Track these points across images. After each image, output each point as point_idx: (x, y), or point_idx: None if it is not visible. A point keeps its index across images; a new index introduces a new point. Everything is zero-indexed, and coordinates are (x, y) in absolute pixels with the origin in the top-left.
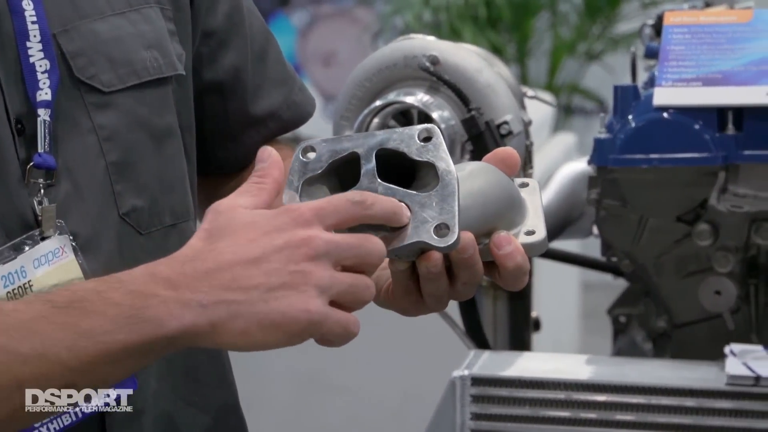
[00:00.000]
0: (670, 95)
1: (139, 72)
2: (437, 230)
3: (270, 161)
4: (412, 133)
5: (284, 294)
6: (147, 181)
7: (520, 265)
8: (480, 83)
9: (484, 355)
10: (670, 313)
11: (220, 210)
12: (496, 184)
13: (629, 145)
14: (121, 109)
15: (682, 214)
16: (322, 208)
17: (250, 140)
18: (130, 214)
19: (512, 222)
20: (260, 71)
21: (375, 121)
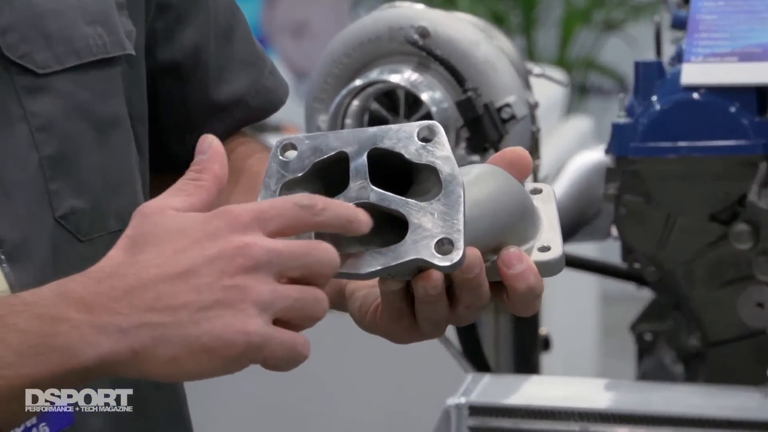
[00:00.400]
0: (701, 72)
1: (80, 51)
2: (439, 246)
3: (210, 152)
4: (411, 130)
5: (218, 314)
6: (89, 178)
7: (532, 286)
8: (477, 59)
9: (483, 379)
10: (704, 329)
11: (146, 213)
12: (507, 192)
13: (653, 132)
14: (58, 94)
15: (716, 212)
16: (264, 212)
17: (211, 131)
18: (67, 217)
19: (524, 236)
20: (225, 51)
21: (354, 104)
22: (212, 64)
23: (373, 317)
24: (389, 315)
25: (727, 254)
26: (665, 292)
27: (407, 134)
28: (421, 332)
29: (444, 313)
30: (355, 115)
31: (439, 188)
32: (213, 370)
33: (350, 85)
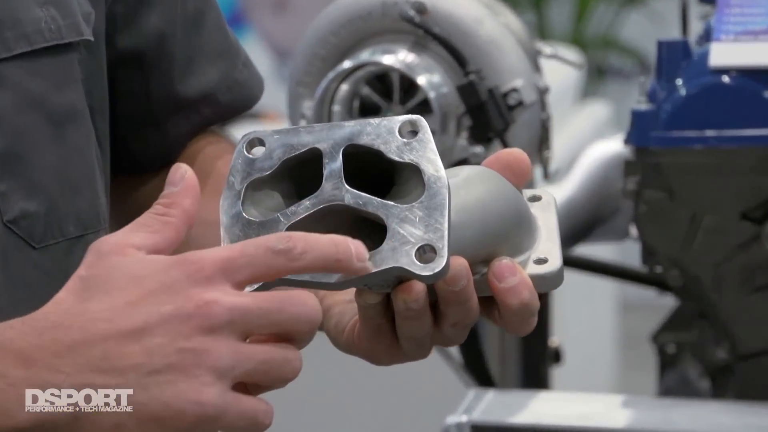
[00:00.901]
0: (732, 53)
1: (31, 36)
2: (420, 253)
3: (182, 186)
4: (392, 125)
5: (169, 379)
6: (43, 178)
7: (526, 302)
8: (481, 38)
9: (487, 395)
10: (733, 340)
11: (102, 251)
12: (500, 197)
13: (678, 120)
14: (7, 84)
15: (748, 210)
16: (231, 261)
17: (175, 129)
18: (18, 221)
19: (518, 246)
20: (193, 40)
21: (342, 88)
22: (179, 54)
23: (350, 335)
24: (367, 333)
25: (760, 257)
26: (690, 298)
27: (388, 129)
28: (403, 353)
29: (428, 331)
30: (343, 101)
31: (422, 189)
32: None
33: (338, 67)
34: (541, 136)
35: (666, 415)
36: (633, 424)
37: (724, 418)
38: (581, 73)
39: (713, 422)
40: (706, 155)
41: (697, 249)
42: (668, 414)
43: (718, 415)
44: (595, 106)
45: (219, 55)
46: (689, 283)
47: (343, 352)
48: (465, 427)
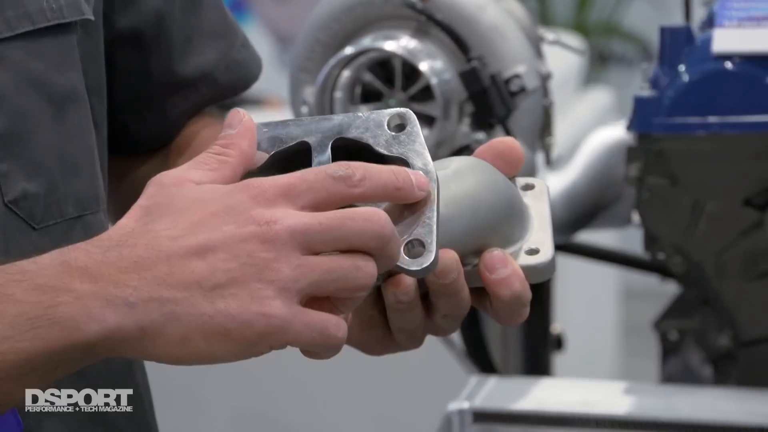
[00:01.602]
0: (735, 39)
1: (34, 16)
2: (409, 248)
3: (240, 128)
4: (380, 119)
5: (233, 292)
6: (43, 158)
7: (518, 293)
8: (483, 24)
9: (489, 382)
10: (736, 327)
11: (164, 182)
12: (491, 187)
13: (681, 106)
14: (7, 63)
15: (751, 197)
16: (293, 186)
17: (173, 109)
18: (19, 202)
19: (510, 237)
20: (192, 20)
21: (344, 75)
22: (177, 33)
23: None
24: (360, 324)
25: (763, 243)
26: (693, 285)
27: (376, 123)
28: (395, 343)
29: (419, 323)
30: (345, 88)
31: None
32: (227, 354)
33: (340, 53)
34: (543, 122)
35: (668, 402)
36: (635, 411)
37: (726, 404)
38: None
39: (715, 409)
40: (709, 141)
41: (699, 236)
42: (670, 400)
43: (720, 401)
44: (598, 93)
45: (217, 35)
46: (692, 270)
47: None
48: (467, 414)
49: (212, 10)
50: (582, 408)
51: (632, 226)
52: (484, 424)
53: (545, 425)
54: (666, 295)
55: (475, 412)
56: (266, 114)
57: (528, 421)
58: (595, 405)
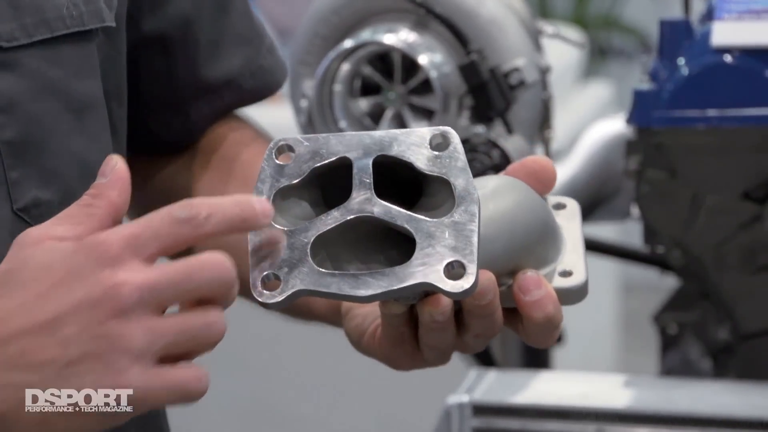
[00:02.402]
0: (734, 32)
1: (53, 23)
2: (449, 270)
3: (112, 177)
4: (423, 136)
5: (87, 368)
6: (59, 166)
7: (551, 316)
8: (482, 17)
9: (488, 375)
10: (735, 320)
11: (23, 243)
12: (528, 209)
13: (680, 99)
14: (25, 71)
15: (750, 190)
16: (137, 236)
17: (198, 113)
18: (29, 209)
19: (544, 258)
20: (219, 24)
21: (344, 68)
22: (204, 38)
23: (371, 339)
24: (389, 339)
25: (762, 237)
26: (692, 279)
27: (418, 141)
28: (424, 359)
29: (451, 342)
30: (345, 81)
31: (452, 203)
32: (90, 429)
33: (339, 46)
34: (542, 115)
35: (667, 395)
36: (634, 404)
37: (725, 398)
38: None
39: (714, 402)
40: (708, 135)
41: (698, 229)
42: (670, 394)
43: (719, 395)
44: (597, 86)
45: (244, 41)
46: (691, 263)
47: (362, 353)
48: (466, 407)
49: (240, 16)
50: (581, 401)
51: (631, 219)
52: (483, 418)
53: (544, 418)
54: (665, 288)
55: (475, 405)
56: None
57: (527, 415)
58: (594, 398)
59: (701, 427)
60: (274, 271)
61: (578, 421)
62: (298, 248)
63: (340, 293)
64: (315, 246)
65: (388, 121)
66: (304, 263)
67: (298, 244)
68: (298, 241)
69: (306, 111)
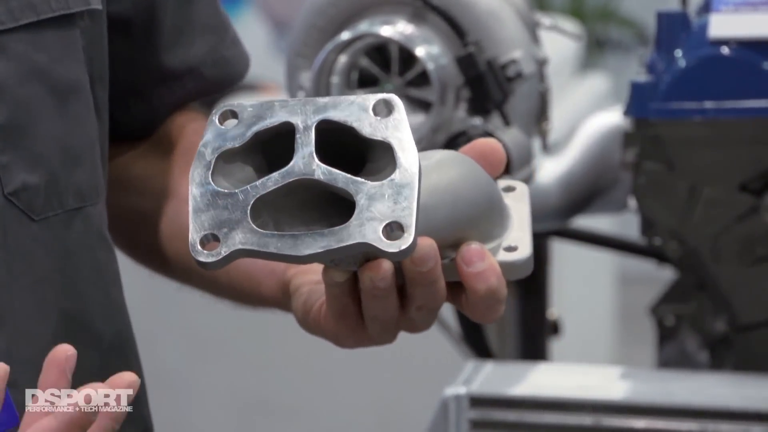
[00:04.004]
0: (731, 24)
1: (38, 6)
2: (387, 230)
3: None
4: (366, 103)
5: None
6: (44, 150)
7: (494, 289)
8: (479, 9)
9: (485, 367)
10: (732, 312)
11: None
12: (472, 182)
13: (677, 91)
14: (10, 54)
15: (747, 182)
16: None
17: (159, 101)
18: (19, 193)
19: (489, 233)
20: (184, 11)
21: (341, 60)
22: (168, 24)
23: (317, 315)
24: (333, 313)
25: (759, 229)
26: (689, 270)
27: (362, 107)
28: (368, 335)
29: (393, 313)
30: (342, 73)
31: (394, 168)
32: None
33: (336, 38)
34: (540, 107)
35: (664, 387)
36: (631, 396)
37: (722, 389)
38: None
39: (712, 394)
40: (706, 127)
41: (696, 221)
42: (667, 386)
43: (716, 386)
44: (595, 78)
45: (208, 30)
46: (688, 255)
47: (308, 332)
48: (463, 399)
49: (206, 4)
50: (578, 393)
51: (628, 211)
52: (480, 409)
53: (542, 410)
54: (662, 280)
55: (472, 397)
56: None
57: (524, 406)
58: (591, 390)
59: (698, 419)
60: (213, 232)
61: (575, 412)
62: (239, 209)
63: (279, 253)
64: (256, 209)
65: None
66: (243, 224)
67: (238, 206)
68: (239, 203)
69: None
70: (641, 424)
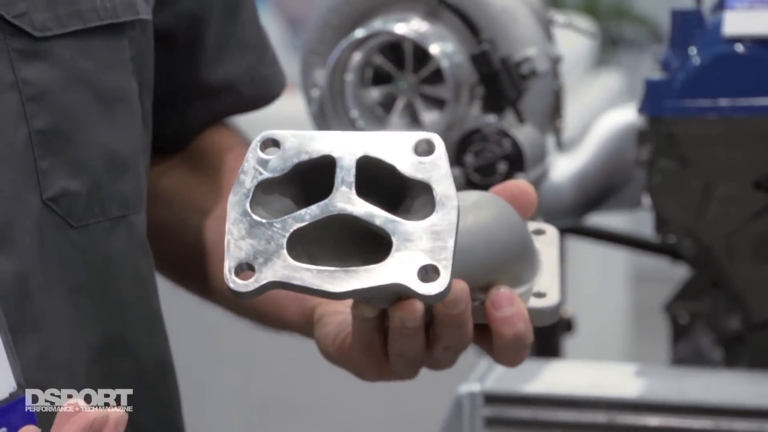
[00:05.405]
0: (746, 21)
1: (86, 14)
2: (423, 272)
3: None
4: (408, 140)
5: None
6: (88, 157)
7: (521, 334)
8: (494, 7)
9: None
10: (746, 309)
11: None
12: (506, 226)
13: (691, 89)
14: (56, 60)
15: (761, 180)
16: None
17: (195, 115)
18: (58, 199)
19: (518, 277)
20: (227, 29)
21: (355, 57)
22: (210, 40)
23: (341, 347)
24: (359, 346)
25: None
26: (703, 268)
27: (403, 144)
28: (392, 370)
29: (419, 351)
30: (356, 70)
31: (432, 208)
32: None
33: (351, 36)
34: (553, 105)
35: (678, 385)
36: (645, 394)
37: (736, 387)
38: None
39: (726, 391)
40: (720, 124)
41: (710, 218)
42: (681, 383)
43: (730, 384)
44: (609, 76)
45: (249, 48)
46: (702, 253)
47: (329, 361)
48: (478, 396)
49: (248, 23)
50: (592, 390)
51: (643, 208)
52: (494, 407)
53: (556, 407)
54: (676, 278)
55: (486, 394)
56: None
57: (538, 404)
58: (605, 387)
59: (712, 417)
60: (248, 261)
61: (589, 410)
62: (275, 240)
63: (312, 287)
64: (292, 241)
65: (400, 110)
66: (279, 255)
67: (275, 237)
68: (276, 233)
69: (317, 100)
70: (655, 421)
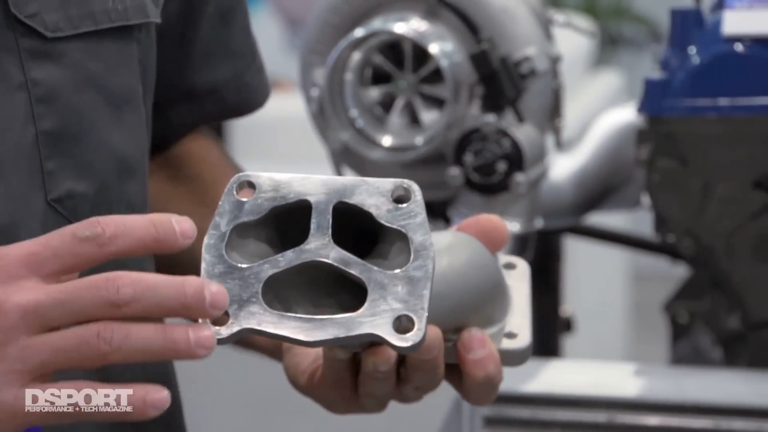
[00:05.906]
0: (745, 21)
1: (97, 16)
2: (398, 323)
3: None
4: (385, 187)
5: None
6: (96, 159)
7: (491, 376)
8: (493, 6)
9: None
10: (746, 309)
11: None
12: (480, 269)
13: (691, 88)
14: (66, 62)
15: (761, 179)
16: (36, 254)
17: (177, 118)
18: (63, 200)
19: (490, 317)
20: (217, 33)
21: (355, 57)
22: (198, 43)
23: (310, 379)
24: (329, 382)
25: None
26: (703, 268)
27: (380, 191)
28: (360, 405)
29: (389, 391)
30: (355, 69)
31: (407, 256)
32: None
33: (350, 35)
34: (553, 104)
35: (678, 384)
36: (645, 393)
37: (736, 386)
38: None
39: (725, 391)
40: (719, 124)
41: (709, 218)
42: (680, 383)
43: (730, 383)
44: (608, 75)
45: (237, 55)
46: (702, 252)
47: (298, 391)
48: None
49: (239, 30)
50: (592, 390)
51: (642, 208)
52: (494, 406)
53: (555, 407)
54: (676, 277)
55: None
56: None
57: (538, 403)
58: (605, 387)
59: (712, 416)
60: None
61: (589, 409)
62: (250, 287)
63: (287, 336)
64: (266, 285)
65: (399, 109)
66: (254, 302)
67: (250, 283)
68: (251, 279)
69: (317, 100)
70: (654, 421)
